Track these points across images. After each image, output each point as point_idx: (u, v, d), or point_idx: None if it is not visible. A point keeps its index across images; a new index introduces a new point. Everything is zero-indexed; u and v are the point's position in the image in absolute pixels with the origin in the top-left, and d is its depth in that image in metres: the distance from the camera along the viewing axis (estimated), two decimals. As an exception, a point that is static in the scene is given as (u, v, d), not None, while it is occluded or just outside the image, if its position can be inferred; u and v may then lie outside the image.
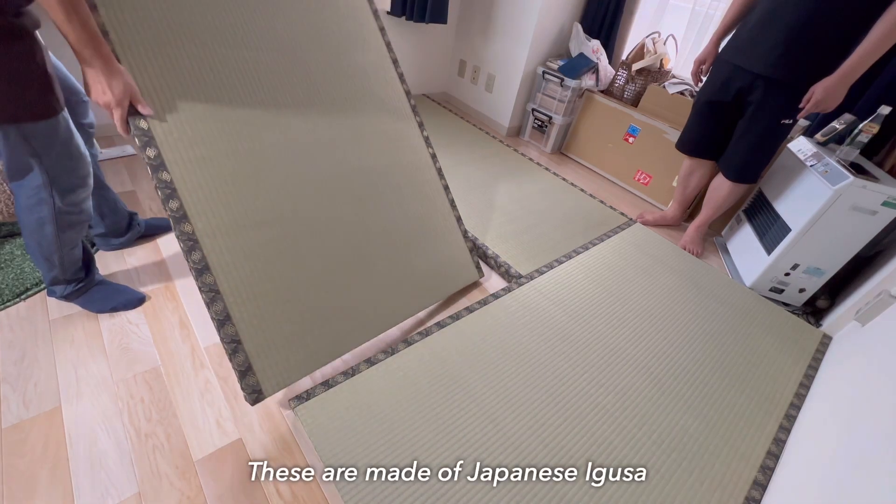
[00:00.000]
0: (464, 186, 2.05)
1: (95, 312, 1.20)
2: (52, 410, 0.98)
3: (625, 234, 1.94)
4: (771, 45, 1.46)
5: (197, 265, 0.92)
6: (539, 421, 1.10)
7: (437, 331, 1.29)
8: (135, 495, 0.87)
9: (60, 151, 0.93)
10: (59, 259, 1.07)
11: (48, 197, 0.96)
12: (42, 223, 1.00)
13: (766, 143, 1.63)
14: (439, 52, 2.93)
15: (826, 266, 1.63)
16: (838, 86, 1.39)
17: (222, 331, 0.93)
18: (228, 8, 1.10)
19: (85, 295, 1.18)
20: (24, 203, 0.98)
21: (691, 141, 1.86)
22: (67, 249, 1.08)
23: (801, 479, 1.00)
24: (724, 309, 1.60)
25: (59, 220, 1.01)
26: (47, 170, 0.93)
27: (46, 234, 1.02)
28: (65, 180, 0.97)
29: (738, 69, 1.57)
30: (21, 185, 0.95)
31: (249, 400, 0.96)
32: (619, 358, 1.32)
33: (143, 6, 0.96)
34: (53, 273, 1.10)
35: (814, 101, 1.43)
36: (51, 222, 1.00)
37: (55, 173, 0.95)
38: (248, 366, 0.96)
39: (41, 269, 1.10)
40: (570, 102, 2.50)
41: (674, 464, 1.07)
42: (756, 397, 1.28)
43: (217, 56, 1.05)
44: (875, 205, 1.46)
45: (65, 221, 1.02)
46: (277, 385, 1.00)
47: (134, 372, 1.08)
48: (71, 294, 1.16)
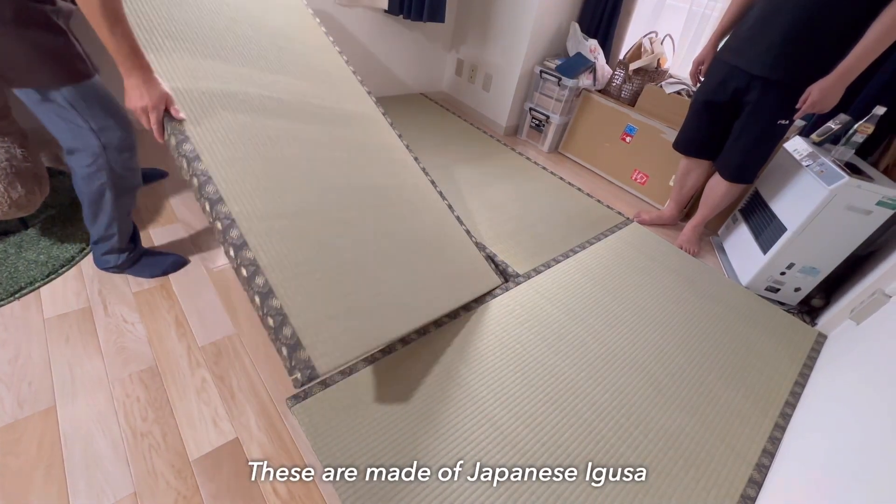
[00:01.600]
0: (461, 185, 2.05)
1: (147, 278, 1.31)
2: (46, 410, 0.97)
3: (622, 233, 1.95)
4: (767, 46, 1.46)
5: (235, 241, 0.91)
6: (537, 420, 1.10)
7: (434, 330, 1.28)
8: (131, 495, 0.87)
9: (105, 115, 1.01)
10: (119, 227, 1.18)
11: (105, 163, 1.05)
12: (103, 191, 1.10)
13: (762, 144, 1.64)
14: (437, 51, 2.93)
15: (821, 265, 1.64)
16: (835, 87, 1.39)
17: (266, 304, 0.87)
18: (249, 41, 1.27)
19: (136, 264, 1.29)
20: (83, 174, 1.07)
21: (688, 140, 1.87)
22: (124, 216, 1.18)
23: (796, 476, 1.01)
24: (720, 308, 1.61)
25: (117, 184, 1.11)
26: (98, 135, 1.02)
27: (107, 201, 1.12)
28: (116, 144, 1.05)
29: (735, 69, 1.58)
30: (79, 156, 1.04)
31: (302, 378, 0.84)
32: (616, 357, 1.32)
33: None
34: (111, 242, 1.20)
35: (810, 102, 1.44)
36: (110, 189, 1.10)
37: (107, 139, 1.03)
38: (297, 340, 0.87)
39: (99, 240, 1.20)
40: (568, 102, 2.51)
41: (670, 462, 1.07)
42: (752, 396, 1.29)
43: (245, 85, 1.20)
44: (870, 204, 1.47)
45: (121, 186, 1.12)
46: (331, 363, 0.89)
47: (130, 371, 1.08)
48: (123, 263, 1.26)
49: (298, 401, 1.04)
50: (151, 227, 1.49)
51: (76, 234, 1.39)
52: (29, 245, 1.32)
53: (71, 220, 1.44)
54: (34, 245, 1.32)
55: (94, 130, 1.01)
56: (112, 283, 1.28)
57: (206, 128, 1.02)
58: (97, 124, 1.01)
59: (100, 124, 1.01)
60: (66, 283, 1.25)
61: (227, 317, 1.25)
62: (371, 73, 2.69)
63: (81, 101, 0.97)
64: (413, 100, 2.91)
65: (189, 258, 1.40)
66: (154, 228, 1.49)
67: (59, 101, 0.95)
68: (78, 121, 0.98)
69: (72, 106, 0.96)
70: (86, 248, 1.35)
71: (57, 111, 0.96)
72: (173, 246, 1.44)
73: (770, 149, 1.67)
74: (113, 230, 1.18)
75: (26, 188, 1.18)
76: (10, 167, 1.16)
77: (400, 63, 2.79)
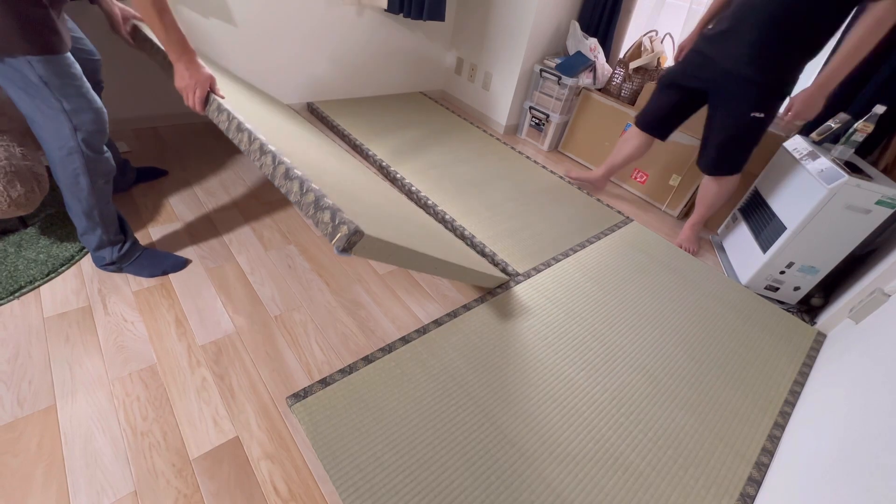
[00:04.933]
0: (461, 184, 2.05)
1: (146, 277, 1.31)
2: (46, 409, 0.97)
3: (621, 232, 1.95)
4: (740, 42, 1.49)
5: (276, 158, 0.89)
6: (537, 419, 1.10)
7: (434, 328, 1.29)
8: (131, 494, 0.87)
9: (76, 94, 1.02)
10: (99, 214, 1.18)
11: (76, 145, 1.06)
12: (77, 175, 1.10)
13: (738, 137, 1.64)
14: (436, 50, 2.92)
15: (821, 264, 1.64)
16: (816, 96, 1.42)
17: (303, 196, 0.83)
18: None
19: (135, 261, 1.29)
20: (56, 157, 1.07)
21: (647, 116, 1.89)
22: (104, 203, 1.19)
23: (795, 475, 1.01)
24: (719, 307, 1.61)
25: (91, 169, 1.11)
26: (70, 116, 1.03)
27: (82, 186, 1.12)
28: (87, 125, 1.06)
29: (708, 59, 1.60)
30: (51, 139, 1.05)
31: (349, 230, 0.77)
32: (615, 355, 1.32)
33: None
34: (97, 234, 1.21)
35: (794, 113, 1.47)
36: (84, 174, 1.10)
37: (78, 121, 1.04)
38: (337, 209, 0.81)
39: (85, 232, 1.20)
40: (567, 101, 2.50)
41: (670, 460, 1.08)
42: (751, 394, 1.29)
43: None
44: (869, 204, 1.47)
45: (94, 170, 1.12)
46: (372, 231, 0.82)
47: (129, 370, 1.08)
48: (119, 258, 1.26)
49: (298, 399, 1.04)
50: (151, 227, 1.49)
51: (75, 232, 1.39)
52: (28, 244, 1.32)
53: (70, 218, 1.44)
54: (34, 244, 1.32)
55: (65, 111, 1.02)
56: (112, 282, 1.28)
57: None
58: (69, 105, 1.02)
59: (72, 105, 1.02)
60: (66, 281, 1.25)
61: (228, 316, 1.25)
62: (371, 72, 2.69)
63: (55, 78, 0.98)
64: (413, 98, 2.90)
65: (189, 258, 1.40)
66: (154, 227, 1.49)
67: (32, 78, 0.96)
68: (50, 100, 0.99)
69: (44, 83, 0.97)
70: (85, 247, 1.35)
71: (29, 89, 0.97)
72: (173, 245, 1.44)
73: (748, 141, 1.66)
74: (95, 219, 1.18)
75: (26, 187, 1.18)
76: (9, 166, 1.15)
77: (399, 61, 2.79)
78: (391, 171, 2.02)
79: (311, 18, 2.22)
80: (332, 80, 2.55)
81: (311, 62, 2.35)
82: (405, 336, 1.25)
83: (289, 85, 2.40)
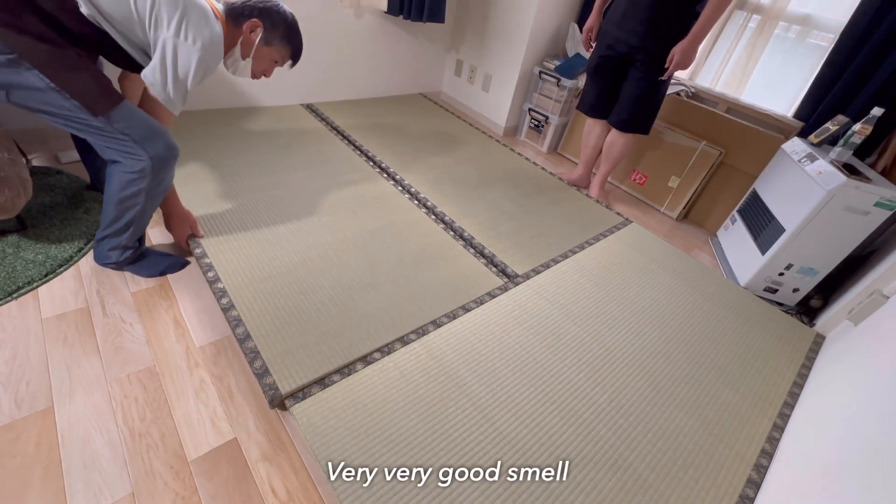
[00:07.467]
0: (460, 185, 2.05)
1: (145, 277, 1.32)
2: (44, 410, 0.97)
3: (620, 233, 1.95)
4: (637, 22, 1.76)
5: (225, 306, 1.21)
6: (536, 420, 1.10)
7: (433, 329, 1.28)
8: (128, 495, 0.86)
9: (146, 126, 1.10)
10: (135, 226, 1.22)
11: (150, 171, 1.13)
12: (138, 194, 1.16)
13: (646, 97, 1.90)
14: (436, 52, 2.93)
15: (819, 266, 1.64)
16: (690, 47, 1.69)
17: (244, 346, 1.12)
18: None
19: (137, 262, 1.31)
20: (123, 179, 1.13)
21: (588, 102, 2.10)
22: (147, 218, 1.24)
23: (794, 477, 1.01)
24: (718, 308, 1.61)
25: (152, 191, 1.17)
26: (144, 146, 1.10)
27: (137, 204, 1.17)
28: (163, 153, 1.13)
29: (617, 39, 1.84)
30: (123, 165, 1.11)
31: (267, 398, 1.03)
32: (614, 357, 1.32)
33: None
34: (121, 239, 1.23)
35: (675, 62, 1.72)
36: (146, 194, 1.17)
37: (155, 150, 1.12)
38: (266, 369, 1.08)
39: (112, 234, 1.22)
40: (567, 102, 2.51)
41: (669, 462, 1.07)
42: (750, 396, 1.29)
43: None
44: (867, 205, 1.47)
45: (156, 192, 1.20)
46: (294, 384, 1.06)
47: (128, 371, 1.07)
48: (124, 260, 1.28)
49: (297, 401, 1.04)
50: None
51: (74, 233, 1.39)
52: (27, 245, 1.32)
53: (69, 219, 1.44)
54: (32, 245, 1.32)
55: (137, 142, 1.09)
56: (110, 282, 1.28)
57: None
58: (139, 135, 1.09)
59: (142, 134, 1.09)
60: (64, 282, 1.25)
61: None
62: (370, 74, 2.69)
63: (123, 122, 1.07)
64: (412, 100, 2.91)
65: (188, 259, 1.40)
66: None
67: (108, 132, 1.06)
68: (119, 136, 1.08)
69: (123, 133, 1.07)
70: (84, 247, 1.35)
71: (112, 138, 1.08)
72: (172, 246, 1.44)
73: (654, 101, 1.93)
74: (129, 229, 1.22)
75: (12, 192, 1.19)
76: (-1, 171, 1.16)
77: (399, 63, 2.79)
78: (391, 172, 2.03)
79: (311, 21, 2.22)
80: (331, 81, 2.56)
81: (311, 63, 2.36)
82: (403, 337, 1.25)
83: (289, 85, 2.41)
